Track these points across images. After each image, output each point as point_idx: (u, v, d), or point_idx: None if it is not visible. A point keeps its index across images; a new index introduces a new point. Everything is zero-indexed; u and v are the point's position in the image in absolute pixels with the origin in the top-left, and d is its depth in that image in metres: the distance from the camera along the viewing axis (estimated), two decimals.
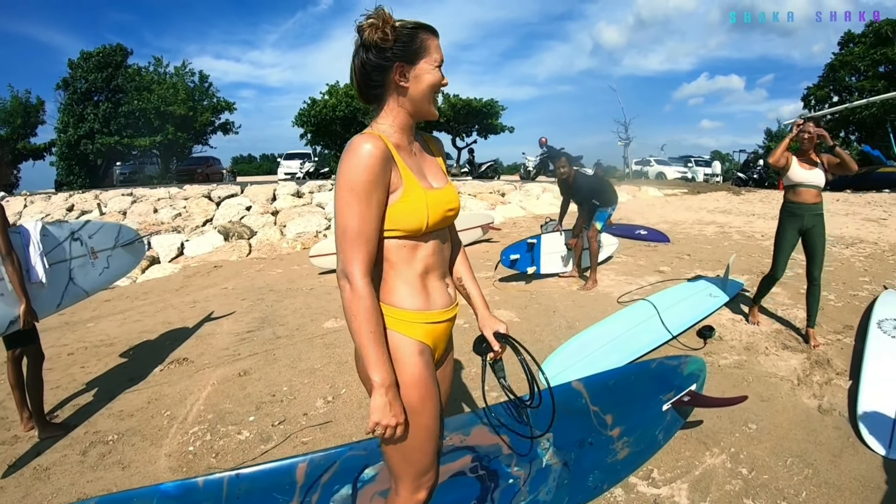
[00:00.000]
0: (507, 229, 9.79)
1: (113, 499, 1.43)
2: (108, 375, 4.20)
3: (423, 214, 1.28)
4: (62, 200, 12.70)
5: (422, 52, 1.30)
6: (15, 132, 22.85)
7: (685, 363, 2.05)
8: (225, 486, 1.40)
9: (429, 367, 1.33)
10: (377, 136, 1.26)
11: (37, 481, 2.81)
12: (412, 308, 1.32)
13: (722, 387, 3.23)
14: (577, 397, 1.71)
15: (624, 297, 4.94)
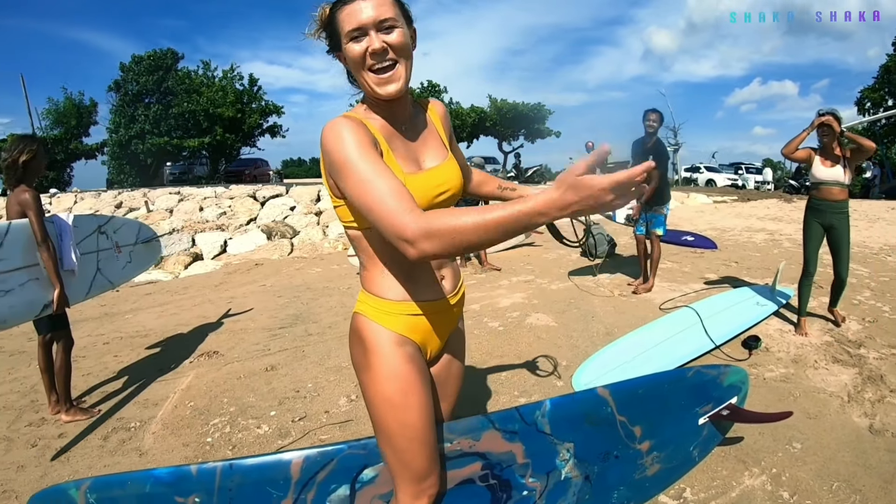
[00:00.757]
0: None
1: (107, 480, 1.40)
2: (139, 365, 4.26)
3: None
4: (111, 198, 13.13)
5: (340, 32, 1.16)
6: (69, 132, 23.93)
7: (725, 373, 1.86)
8: (218, 475, 1.35)
9: (412, 360, 1.23)
10: (352, 115, 1.18)
11: (56, 462, 2.86)
12: (392, 298, 1.24)
13: (766, 401, 3.00)
14: (602, 405, 1.56)
15: (666, 304, 4.70)
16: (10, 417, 3.45)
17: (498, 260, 7.22)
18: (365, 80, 1.17)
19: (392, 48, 1.14)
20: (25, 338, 5.40)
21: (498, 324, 4.50)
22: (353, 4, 1.13)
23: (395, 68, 1.16)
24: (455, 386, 1.45)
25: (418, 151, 1.27)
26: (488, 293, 5.60)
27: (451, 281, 1.34)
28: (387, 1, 1.15)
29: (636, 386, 1.65)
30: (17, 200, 3.04)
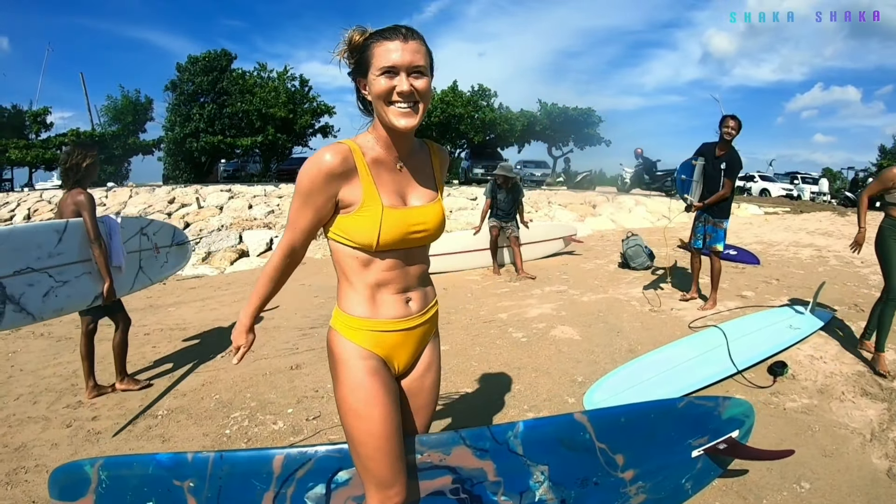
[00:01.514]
0: (593, 242, 9.47)
1: (117, 460, 1.56)
2: (174, 357, 4.48)
3: (374, 232, 1.28)
4: (164, 193, 13.73)
5: (369, 62, 1.27)
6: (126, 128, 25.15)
7: (725, 406, 1.81)
8: (210, 464, 1.48)
9: (376, 373, 1.33)
10: (346, 147, 1.29)
11: (86, 442, 3.07)
12: (357, 315, 1.35)
13: (782, 434, 2.87)
14: (580, 431, 1.55)
15: (696, 322, 4.57)
16: (51, 399, 3.71)
17: (534, 268, 7.18)
18: (384, 112, 1.27)
19: (417, 92, 1.26)
20: (73, 325, 5.72)
21: (522, 335, 4.48)
22: (391, 43, 1.24)
23: (416, 108, 1.28)
24: (428, 399, 1.50)
25: (406, 188, 1.37)
26: (518, 302, 5.59)
27: (418, 302, 1.42)
28: (422, 49, 1.27)
29: (618, 414, 1.64)
30: (73, 201, 3.35)
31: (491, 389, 3.46)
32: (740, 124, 4.87)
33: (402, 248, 1.34)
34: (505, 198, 6.99)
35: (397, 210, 1.31)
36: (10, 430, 3.27)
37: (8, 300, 2.83)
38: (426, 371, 1.48)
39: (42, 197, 15.00)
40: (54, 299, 3.11)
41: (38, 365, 4.49)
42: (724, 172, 4.87)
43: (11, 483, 2.69)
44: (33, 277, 2.98)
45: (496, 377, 3.64)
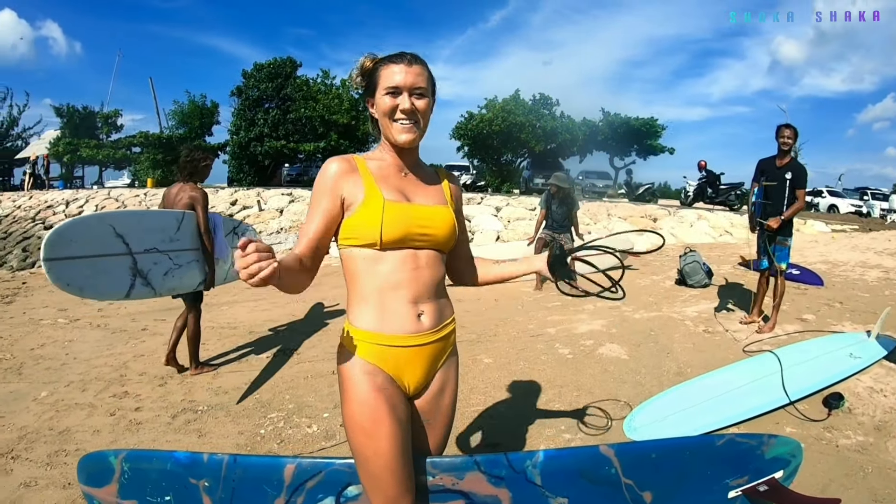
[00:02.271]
0: (652, 257, 9.17)
1: (139, 454, 1.61)
2: (222, 355, 4.62)
3: (377, 224, 1.30)
4: (227, 195, 14.28)
5: (376, 83, 1.38)
6: (192, 132, 26.36)
7: (770, 444, 1.67)
8: (224, 466, 1.48)
9: (382, 390, 1.31)
10: (346, 156, 1.40)
11: (127, 431, 3.20)
12: (363, 327, 1.33)
13: (832, 473, 2.65)
14: (605, 464, 1.46)
15: (751, 346, 4.32)
16: (99, 387, 3.90)
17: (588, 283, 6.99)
18: (388, 127, 1.37)
19: (418, 111, 1.36)
20: (129, 318, 6.02)
21: (568, 351, 4.37)
22: (396, 66, 1.35)
23: (417, 126, 1.38)
24: (443, 420, 1.46)
25: (410, 190, 1.42)
26: (569, 317, 5.46)
27: (431, 317, 1.38)
28: (423, 73, 1.37)
29: (648, 449, 1.53)
30: (187, 195, 3.83)
31: (529, 407, 3.39)
32: (796, 132, 4.69)
33: (410, 248, 1.35)
34: (558, 208, 6.86)
35: (399, 204, 1.35)
36: (56, 415, 3.45)
37: (138, 274, 3.36)
38: (440, 392, 1.44)
39: (110, 195, 15.86)
40: (171, 279, 3.63)
41: (91, 354, 4.73)
42: (790, 182, 4.67)
43: (51, 464, 2.84)
44: (157, 257, 3.51)
45: (536, 394, 3.56)
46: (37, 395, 3.78)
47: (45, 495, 2.56)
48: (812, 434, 2.99)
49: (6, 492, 2.61)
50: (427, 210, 1.39)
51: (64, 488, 2.61)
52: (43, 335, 5.42)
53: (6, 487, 2.64)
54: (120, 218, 3.46)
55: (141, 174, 26.27)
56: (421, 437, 1.42)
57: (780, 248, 4.77)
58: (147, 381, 3.98)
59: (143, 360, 4.52)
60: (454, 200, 1.52)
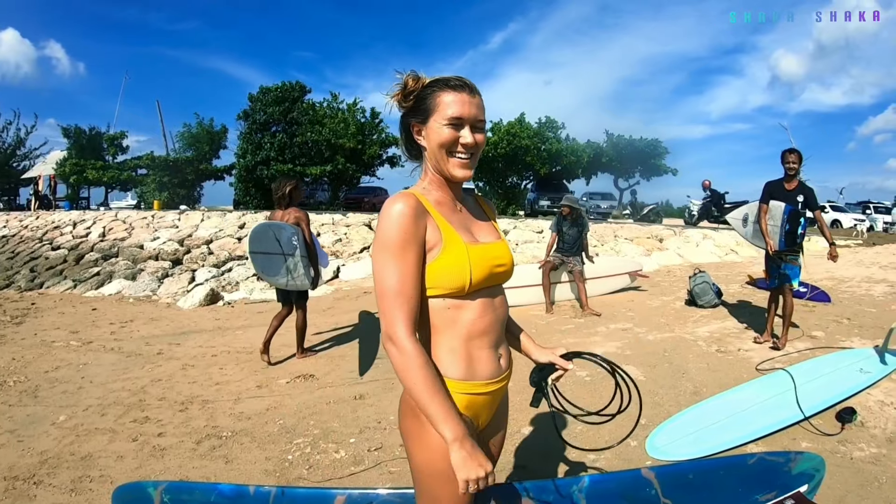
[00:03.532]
0: (660, 278, 9.18)
1: (181, 486, 1.66)
2: (240, 380, 4.63)
3: (465, 270, 1.23)
4: (235, 218, 14.33)
5: (433, 109, 1.27)
6: (200, 154, 26.47)
7: (796, 460, 1.73)
8: (271, 498, 1.51)
9: None
10: (410, 193, 1.26)
11: (151, 458, 3.22)
12: (452, 377, 1.26)
13: (847, 485, 2.72)
14: (646, 487, 1.53)
15: (764, 365, 4.38)
16: (119, 412, 3.94)
17: (600, 304, 7.02)
18: (443, 161, 1.28)
19: (478, 145, 1.29)
20: (143, 342, 6.06)
21: (585, 373, 4.39)
22: (461, 95, 1.26)
23: (473, 160, 1.30)
24: (497, 450, 1.48)
25: (472, 227, 1.35)
26: (583, 339, 5.50)
27: (506, 358, 1.39)
28: (482, 105, 1.30)
29: (686, 470, 1.61)
30: (293, 216, 4.93)
31: (552, 429, 3.41)
32: (801, 157, 4.88)
33: (489, 287, 1.30)
34: (569, 230, 6.95)
35: (477, 246, 1.28)
36: (77, 439, 3.48)
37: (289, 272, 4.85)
38: (499, 424, 1.46)
39: (117, 216, 15.91)
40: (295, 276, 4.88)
41: (107, 378, 4.76)
42: (802, 205, 4.82)
43: (76, 490, 2.86)
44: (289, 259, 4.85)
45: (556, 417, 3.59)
46: (55, 419, 3.81)
47: None
48: (827, 448, 3.06)
49: None
50: (496, 247, 1.34)
51: None
52: (56, 357, 5.46)
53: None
54: (274, 227, 4.85)
55: (147, 196, 26.34)
56: None
57: (791, 267, 4.85)
58: (167, 406, 4.01)
59: (161, 384, 4.55)
60: (496, 220, 1.49)
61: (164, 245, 12.22)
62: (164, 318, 7.74)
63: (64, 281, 10.69)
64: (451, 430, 1.12)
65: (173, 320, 7.53)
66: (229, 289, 9.76)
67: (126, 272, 10.69)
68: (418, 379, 1.15)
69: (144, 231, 13.84)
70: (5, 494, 2.84)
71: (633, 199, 22.67)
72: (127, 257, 11.67)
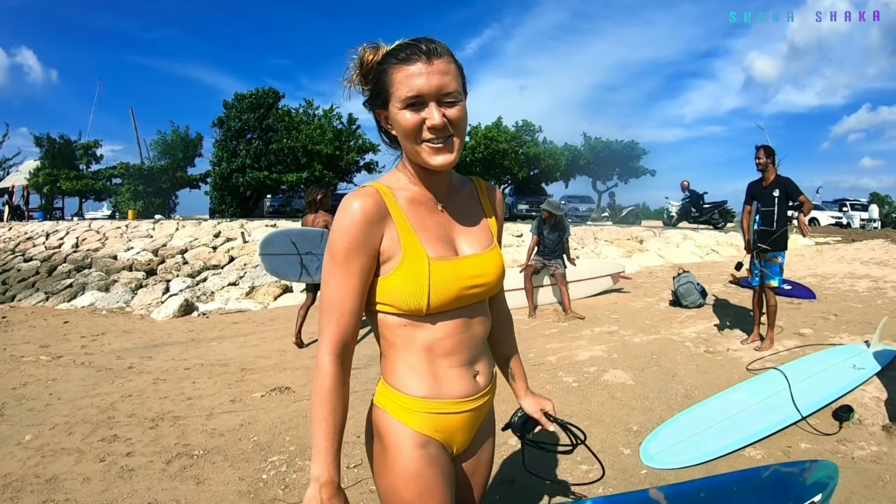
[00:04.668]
0: (642, 279, 9.16)
1: None
2: (213, 394, 4.42)
3: (423, 291, 1.04)
4: (210, 227, 14.06)
5: (389, 91, 1.05)
6: (175, 163, 26.10)
7: (811, 470, 1.63)
8: None
9: (433, 462, 1.10)
10: (373, 191, 1.07)
11: (119, 479, 3.02)
12: (414, 395, 1.10)
13: (851, 486, 2.62)
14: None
15: (754, 365, 4.30)
16: (86, 430, 3.72)
17: (583, 308, 6.94)
18: (415, 150, 1.07)
19: (451, 123, 1.05)
20: (114, 356, 5.82)
21: (572, 379, 4.27)
22: (413, 66, 1.02)
23: (450, 142, 1.06)
24: (484, 475, 1.31)
25: (453, 233, 1.15)
26: (568, 344, 5.38)
27: (485, 375, 1.20)
28: (451, 69, 1.05)
29: (697, 489, 1.48)
30: (322, 220, 5.71)
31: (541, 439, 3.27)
32: (769, 151, 4.88)
33: (459, 308, 1.11)
34: (550, 234, 6.87)
35: (447, 262, 1.08)
36: (42, 461, 3.27)
37: (304, 267, 5.51)
38: (484, 446, 1.28)
39: (91, 227, 15.55)
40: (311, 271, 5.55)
41: (76, 395, 4.53)
42: (778, 199, 4.79)
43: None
44: (312, 258, 5.52)
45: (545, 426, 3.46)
46: (20, 439, 3.60)
47: None
48: (827, 448, 2.99)
49: None
50: (477, 260, 1.14)
51: None
52: (25, 373, 5.22)
53: None
54: (291, 232, 5.66)
55: (122, 206, 25.88)
56: (464, 494, 1.26)
57: (770, 266, 4.82)
58: (137, 424, 3.79)
59: (132, 400, 4.32)
60: (499, 220, 1.26)
61: (138, 255, 11.94)
62: (136, 330, 7.51)
63: (36, 293, 10.38)
64: (320, 470, 0.99)
65: (146, 332, 7.30)
66: (204, 299, 9.52)
67: (99, 283, 10.41)
68: (318, 403, 1.02)
69: (118, 241, 13.52)
70: None
71: (612, 202, 22.82)
72: (100, 268, 11.37)
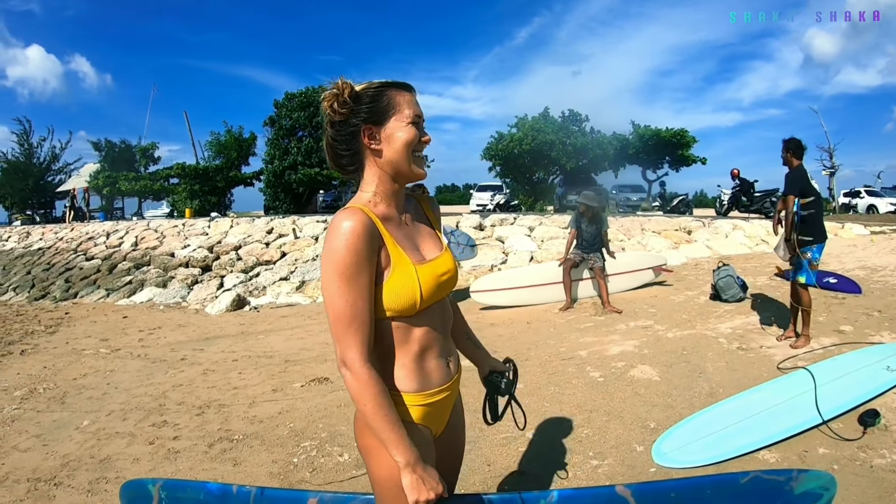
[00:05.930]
0: (687, 271, 8.99)
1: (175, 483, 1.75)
2: (257, 384, 4.73)
3: (415, 291, 1.23)
4: (263, 224, 14.56)
5: (390, 110, 1.25)
6: (229, 162, 27.07)
7: (799, 479, 1.55)
8: (251, 498, 1.58)
9: (423, 448, 1.26)
10: (359, 209, 1.22)
11: (165, 460, 3.34)
12: (406, 390, 1.28)
13: (864, 496, 2.55)
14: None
15: (786, 363, 4.21)
16: (139, 416, 4.07)
17: (622, 302, 6.92)
18: (407, 161, 1.26)
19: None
20: (169, 348, 6.22)
21: (599, 374, 4.32)
22: (414, 96, 1.29)
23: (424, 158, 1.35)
24: (458, 455, 1.50)
25: (419, 242, 1.35)
26: (601, 338, 5.41)
27: (454, 362, 1.40)
28: None
29: (667, 489, 1.52)
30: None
31: (558, 433, 3.37)
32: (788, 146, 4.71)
33: (437, 302, 1.31)
34: (588, 228, 6.89)
35: (424, 265, 1.27)
36: (98, 443, 3.62)
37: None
38: (456, 429, 1.47)
39: (149, 226, 16.33)
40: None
41: (131, 384, 4.92)
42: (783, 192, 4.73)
43: (92, 491, 3.00)
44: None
45: (566, 420, 3.54)
46: (79, 424, 3.97)
47: None
48: (845, 454, 2.91)
49: None
50: (440, 260, 1.33)
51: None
52: (85, 365, 5.67)
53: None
54: None
55: (179, 204, 27.03)
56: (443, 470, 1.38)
57: (798, 260, 4.67)
58: (185, 411, 4.12)
59: (182, 389, 4.68)
60: (437, 221, 1.48)
61: (194, 252, 12.51)
62: (191, 324, 7.96)
63: (97, 290, 11.05)
64: (403, 455, 1.17)
65: (200, 326, 7.75)
66: (256, 293, 9.95)
67: (157, 280, 10.99)
68: (375, 406, 1.17)
69: (175, 239, 14.17)
70: (27, 495, 2.99)
71: (662, 191, 22.25)
72: (158, 265, 11.99)
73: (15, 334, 7.64)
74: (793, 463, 2.85)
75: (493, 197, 22.33)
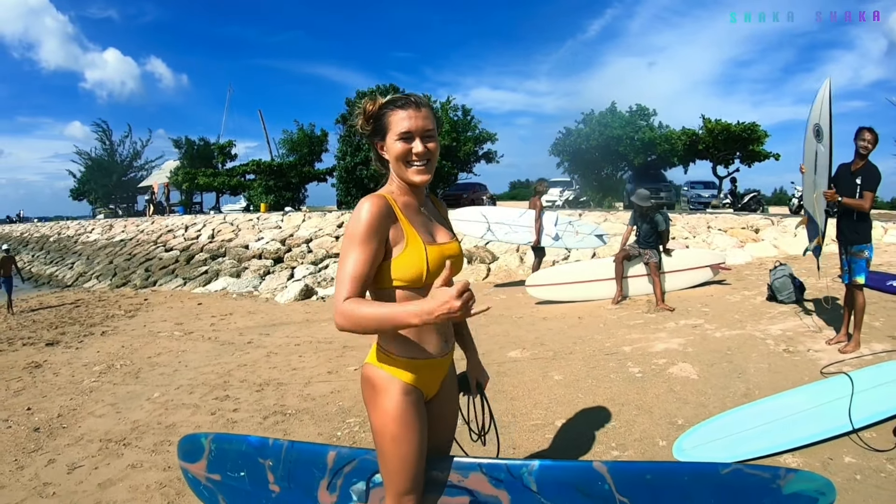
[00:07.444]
0: (749, 271, 8.74)
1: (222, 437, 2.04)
2: (315, 366, 5.11)
3: (423, 264, 1.45)
4: (334, 218, 15.19)
5: (387, 129, 1.49)
6: (302, 159, 28.15)
7: (787, 479, 1.56)
8: (283, 450, 1.85)
9: (413, 405, 1.51)
10: (381, 195, 1.48)
11: (223, 428, 3.76)
12: (403, 355, 1.51)
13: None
14: (598, 480, 1.55)
15: (830, 368, 4.10)
16: (204, 391, 4.54)
17: (677, 300, 6.86)
18: (403, 170, 1.50)
19: (430, 152, 1.49)
20: (238, 333, 6.71)
21: (638, 370, 4.39)
22: (406, 111, 1.47)
23: (429, 166, 1.51)
24: (452, 420, 1.74)
25: (431, 228, 1.59)
26: (647, 336, 5.44)
27: (449, 340, 1.63)
28: (430, 115, 1.50)
29: (643, 470, 1.62)
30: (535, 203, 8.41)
31: (586, 423, 3.49)
32: (877, 137, 4.45)
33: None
34: (643, 225, 6.93)
35: (433, 246, 1.51)
36: (165, 412, 4.10)
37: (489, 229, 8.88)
38: (449, 397, 1.70)
39: (225, 219, 17.29)
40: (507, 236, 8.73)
41: (200, 363, 5.43)
42: (860, 186, 4.41)
43: (156, 451, 3.45)
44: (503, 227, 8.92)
45: (596, 412, 3.66)
46: (150, 396, 4.48)
47: (148, 475, 3.13)
48: (871, 465, 2.85)
49: (115, 470, 3.22)
50: (449, 245, 1.58)
51: (164, 470, 3.17)
52: (160, 345, 6.27)
53: (116, 467, 3.26)
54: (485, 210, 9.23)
55: (255, 199, 28.38)
56: (434, 437, 1.66)
57: (856, 260, 4.49)
58: (246, 388, 4.55)
59: (246, 369, 5.13)
60: (448, 224, 1.72)
61: (268, 245, 13.22)
62: (260, 311, 8.53)
63: (175, 279, 11.92)
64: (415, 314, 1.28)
65: (268, 313, 8.28)
66: (324, 284, 10.46)
67: (231, 270, 11.72)
68: (373, 316, 1.32)
69: (250, 232, 14.98)
70: (99, 452, 3.49)
71: (733, 187, 21.32)
72: (233, 257, 12.77)
73: (97, 318, 8.47)
74: (815, 468, 2.80)
75: (563, 193, 22.12)
